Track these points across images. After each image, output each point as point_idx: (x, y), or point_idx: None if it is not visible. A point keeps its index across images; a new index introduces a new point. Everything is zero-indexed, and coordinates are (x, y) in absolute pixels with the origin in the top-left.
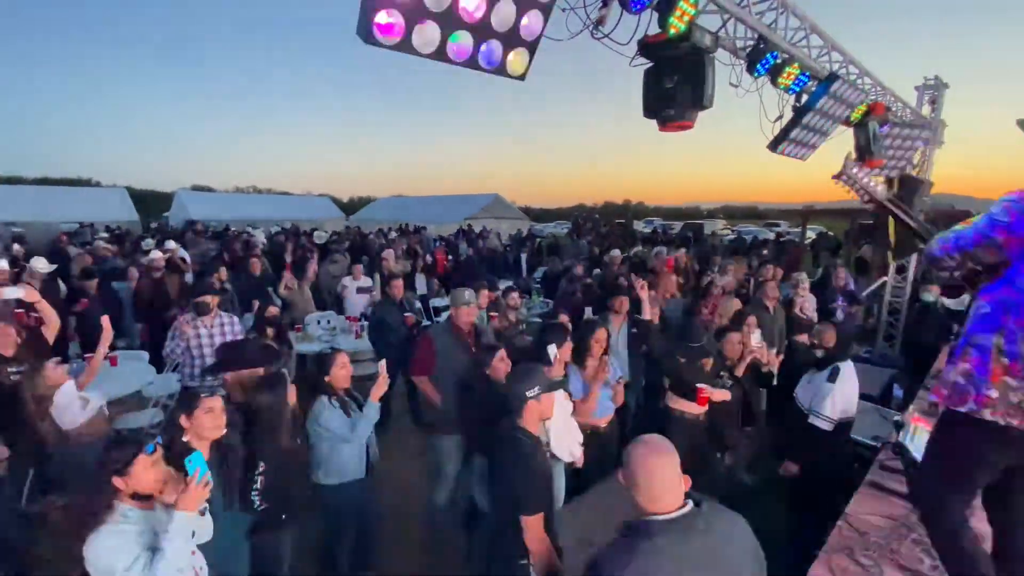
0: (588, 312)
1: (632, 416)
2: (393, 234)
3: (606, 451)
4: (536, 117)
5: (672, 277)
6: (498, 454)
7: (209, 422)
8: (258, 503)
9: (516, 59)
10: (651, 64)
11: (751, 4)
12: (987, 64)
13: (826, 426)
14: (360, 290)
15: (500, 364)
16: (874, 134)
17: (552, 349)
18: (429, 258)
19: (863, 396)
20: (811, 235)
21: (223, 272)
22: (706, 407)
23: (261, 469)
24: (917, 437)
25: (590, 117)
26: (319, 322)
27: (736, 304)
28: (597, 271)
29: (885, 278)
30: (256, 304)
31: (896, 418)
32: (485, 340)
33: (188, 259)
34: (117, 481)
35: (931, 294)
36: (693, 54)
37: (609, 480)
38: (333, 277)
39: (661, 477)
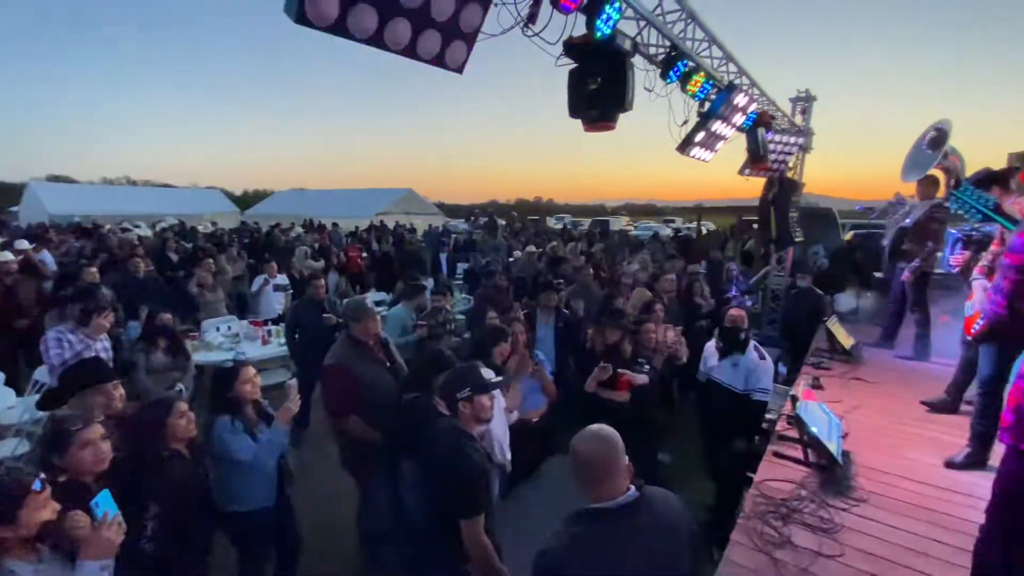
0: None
1: (563, 408)
2: (298, 230)
3: (539, 444)
4: (450, 112)
5: (590, 270)
6: (435, 457)
7: (90, 456)
8: (150, 549)
9: (455, 51)
10: (575, 65)
11: (664, 13)
12: (847, 81)
13: (768, 399)
14: (278, 288)
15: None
16: (762, 140)
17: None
18: (342, 256)
19: None
20: (703, 230)
21: (93, 273)
22: (629, 394)
23: (152, 512)
24: (808, 408)
25: (504, 114)
26: (219, 328)
27: (647, 295)
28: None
29: (768, 268)
30: (144, 310)
31: (790, 392)
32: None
33: (48, 262)
34: (1, 531)
35: (805, 280)
36: (615, 58)
37: (544, 473)
38: (235, 278)
39: (606, 466)
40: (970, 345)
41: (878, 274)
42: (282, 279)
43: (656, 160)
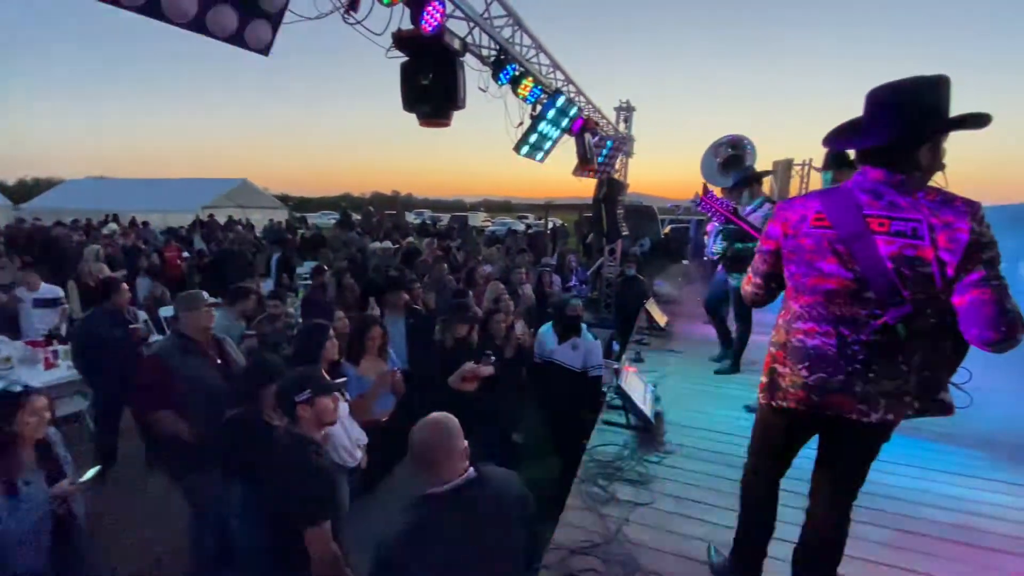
0: (373, 305)
1: (414, 406)
2: (112, 226)
3: (392, 444)
4: (295, 98)
5: (444, 266)
6: (272, 468)
7: None
8: None
9: (257, 30)
10: (407, 59)
11: (491, 17)
12: (662, 91)
13: (603, 373)
14: (40, 303)
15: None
16: (589, 144)
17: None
18: (156, 257)
19: None
20: (552, 224)
21: None
22: (476, 384)
23: None
24: (629, 379)
25: (357, 104)
26: None
27: (499, 288)
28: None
29: (602, 259)
30: None
31: (615, 367)
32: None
33: None
34: None
35: (631, 269)
36: (445, 55)
37: (397, 473)
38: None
39: (441, 450)
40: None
41: (685, 261)
42: (50, 291)
43: (510, 158)
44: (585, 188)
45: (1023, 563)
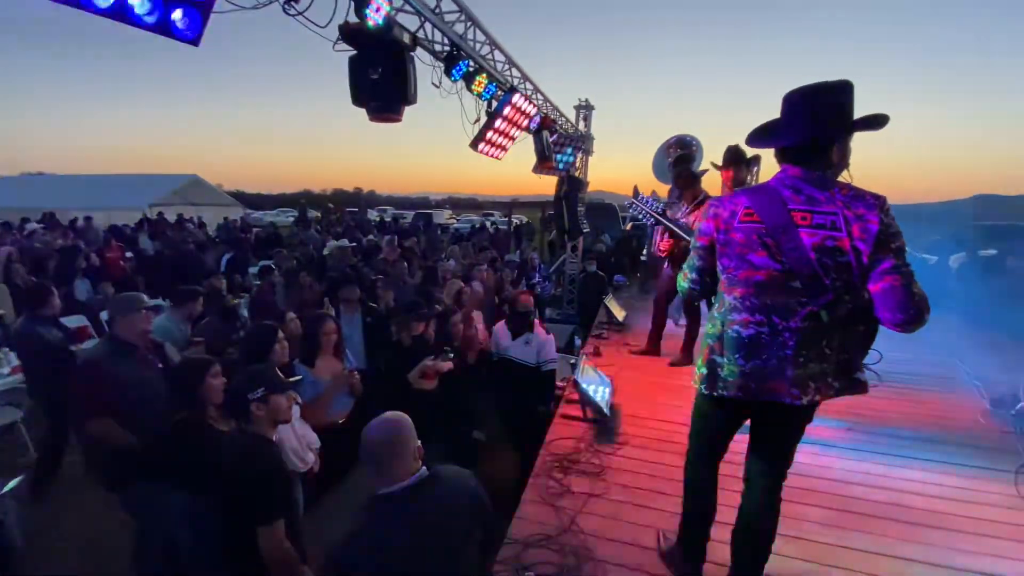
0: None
1: (372, 405)
2: (33, 225)
3: (349, 447)
4: (247, 92)
5: (404, 264)
6: (221, 468)
7: None
8: None
9: (184, 19)
10: (355, 52)
11: (442, 12)
12: (621, 89)
13: (556, 367)
14: None
15: (215, 381)
16: (547, 142)
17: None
18: (95, 258)
19: None
20: (516, 222)
21: None
22: (436, 382)
23: None
24: (585, 372)
25: (317, 99)
26: None
27: (458, 285)
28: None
29: (564, 255)
30: None
31: (573, 361)
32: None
33: None
34: None
35: (592, 265)
36: (394, 49)
37: (356, 475)
38: None
39: (392, 451)
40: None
41: (643, 257)
42: None
43: (475, 155)
44: (549, 186)
45: (942, 534)
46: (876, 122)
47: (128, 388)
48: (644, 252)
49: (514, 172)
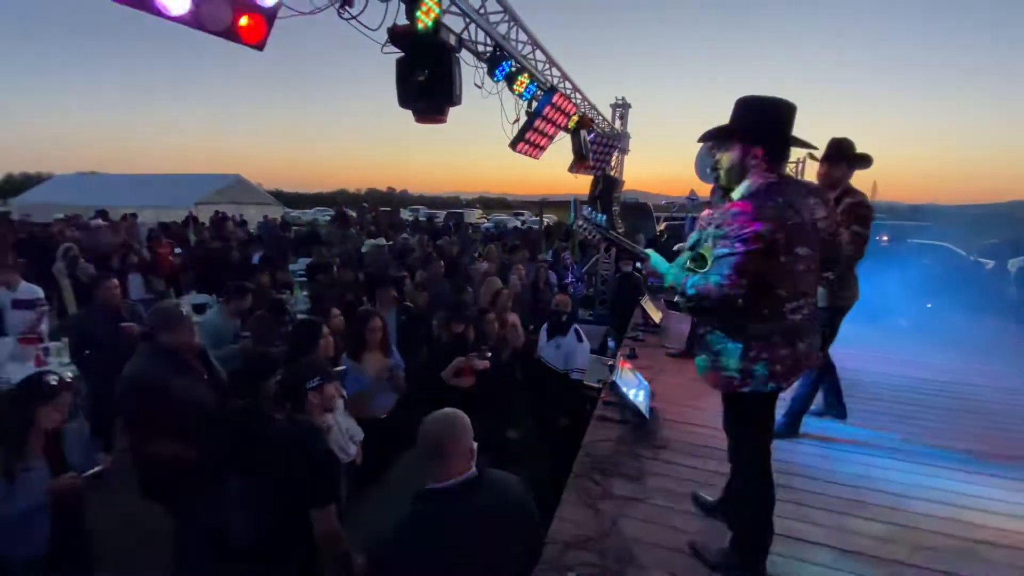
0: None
1: (412, 402)
2: (98, 222)
3: (389, 441)
4: (290, 94)
5: (441, 264)
6: (279, 454)
7: None
8: None
9: (249, 25)
10: (403, 55)
11: (487, 13)
12: (658, 91)
13: (583, 377)
14: (18, 303)
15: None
16: (584, 141)
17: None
18: (146, 253)
19: None
20: (547, 222)
21: None
22: (474, 379)
23: None
24: (624, 375)
25: (353, 100)
26: None
27: (497, 284)
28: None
29: (597, 256)
30: None
31: (610, 363)
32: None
33: None
34: None
35: (628, 265)
36: (440, 51)
37: (396, 470)
38: None
39: (447, 445)
40: None
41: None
42: (29, 291)
43: (506, 155)
44: (580, 185)
45: (1006, 553)
46: (804, 144)
47: (178, 401)
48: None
49: (544, 172)
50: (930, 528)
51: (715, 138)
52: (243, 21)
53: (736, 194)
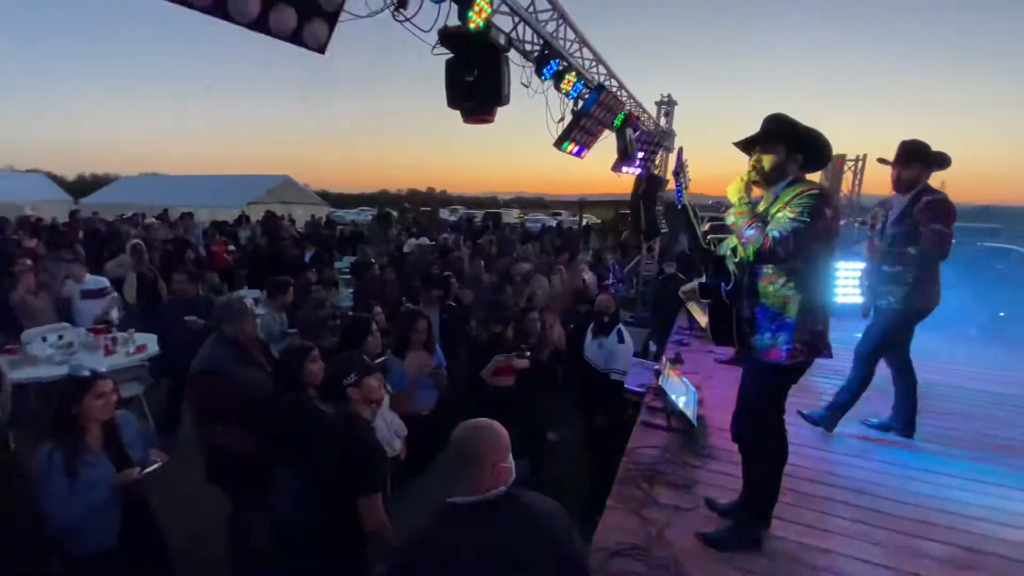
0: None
1: (453, 399)
2: (152, 221)
3: (430, 438)
4: (334, 96)
5: (481, 263)
6: (326, 444)
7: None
8: None
9: (314, 29)
10: (452, 55)
11: (536, 12)
12: (704, 87)
13: (623, 379)
14: (87, 293)
15: (313, 366)
16: (630, 139)
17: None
18: (201, 250)
19: None
20: (586, 221)
21: None
22: (513, 379)
23: None
24: (670, 381)
25: (393, 101)
26: (46, 339)
27: (540, 283)
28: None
29: (639, 256)
30: None
31: (656, 367)
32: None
33: None
34: None
35: (671, 267)
36: (490, 51)
37: (437, 466)
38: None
39: (467, 459)
40: None
41: None
42: (96, 281)
43: (544, 154)
44: (619, 184)
45: None
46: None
47: (242, 392)
48: None
49: (581, 171)
50: (1002, 553)
51: (761, 141)
52: (308, 26)
53: (796, 188)
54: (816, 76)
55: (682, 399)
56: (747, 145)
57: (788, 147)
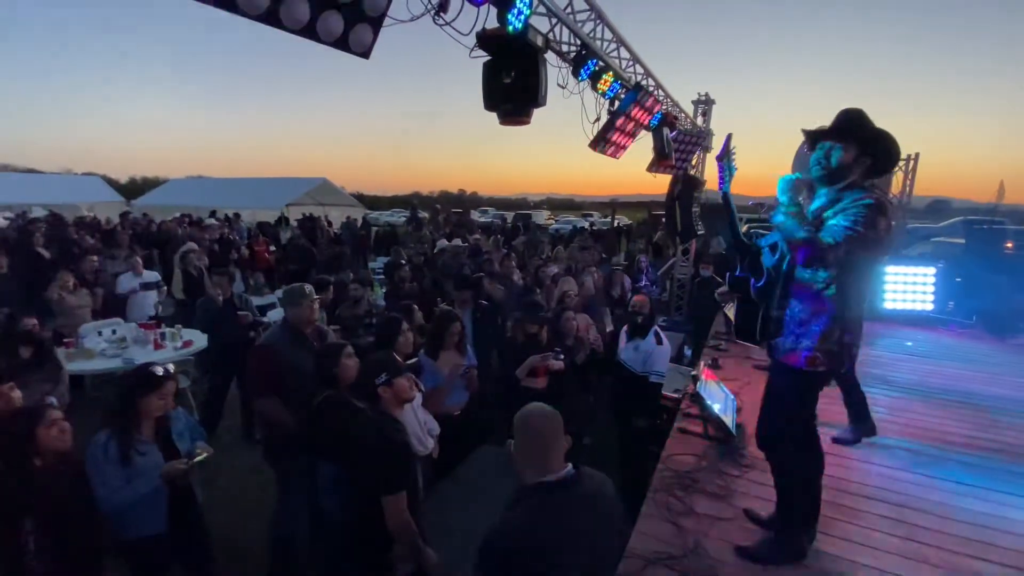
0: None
1: (485, 400)
2: (211, 221)
3: (461, 437)
4: (370, 100)
5: (512, 263)
6: (356, 442)
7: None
8: (38, 568)
9: (359, 34)
10: (489, 58)
11: (574, 12)
12: (743, 86)
13: (662, 381)
14: (146, 286)
15: (349, 362)
16: (667, 139)
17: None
18: (244, 250)
19: None
20: (618, 222)
21: None
22: (547, 380)
23: (30, 527)
24: (707, 387)
25: (427, 104)
26: (100, 333)
27: (570, 285)
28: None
29: (674, 259)
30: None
31: (692, 373)
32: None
33: None
34: None
35: (708, 270)
36: (528, 53)
37: (467, 465)
38: (114, 276)
39: (553, 440)
40: None
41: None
42: (151, 275)
43: (575, 155)
44: (652, 185)
45: None
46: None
47: (292, 370)
48: None
49: (612, 172)
50: None
51: (834, 135)
52: (353, 32)
53: (855, 194)
54: (864, 73)
55: (719, 406)
56: (814, 137)
57: (860, 146)
